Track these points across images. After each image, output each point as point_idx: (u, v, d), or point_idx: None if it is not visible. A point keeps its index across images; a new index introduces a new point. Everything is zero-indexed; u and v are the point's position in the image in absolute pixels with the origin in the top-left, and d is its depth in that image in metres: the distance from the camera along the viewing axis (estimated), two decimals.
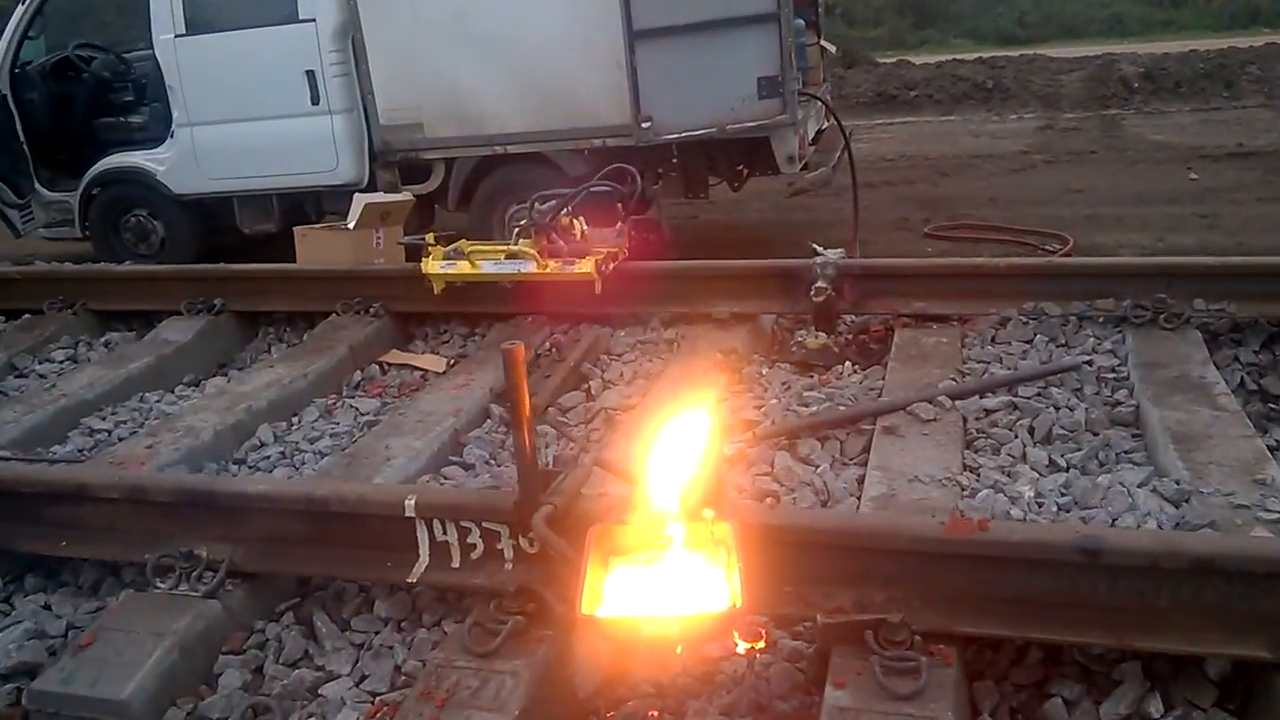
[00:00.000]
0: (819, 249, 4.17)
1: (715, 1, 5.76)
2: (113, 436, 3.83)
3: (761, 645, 2.19)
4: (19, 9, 7.37)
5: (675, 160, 6.44)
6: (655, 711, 2.15)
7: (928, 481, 2.76)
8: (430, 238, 4.50)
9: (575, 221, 4.32)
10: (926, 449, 2.97)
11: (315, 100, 6.56)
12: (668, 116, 5.90)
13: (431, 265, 4.38)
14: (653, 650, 2.14)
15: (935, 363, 3.61)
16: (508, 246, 4.35)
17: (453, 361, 4.31)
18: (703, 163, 6.58)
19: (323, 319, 4.63)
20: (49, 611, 2.68)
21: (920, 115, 14.15)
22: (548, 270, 4.23)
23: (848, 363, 3.85)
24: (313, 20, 6.43)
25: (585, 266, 4.17)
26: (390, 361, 4.37)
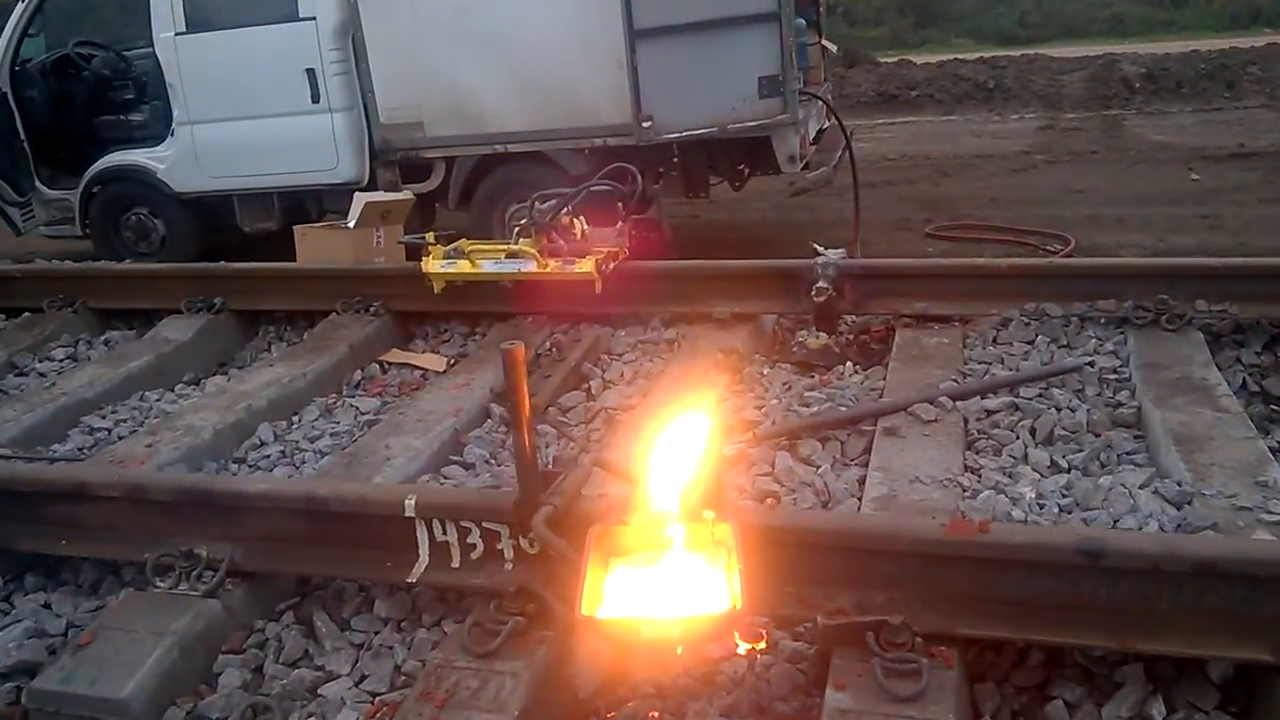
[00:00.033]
0: (820, 249, 4.17)
1: (716, 0, 5.75)
2: (113, 435, 3.83)
3: (762, 646, 2.19)
4: (19, 6, 7.36)
5: (676, 159, 6.43)
6: (655, 712, 2.15)
7: (929, 482, 2.76)
8: (430, 237, 4.49)
9: (576, 221, 4.31)
10: (928, 450, 2.97)
11: (315, 98, 6.55)
12: (668, 116, 5.89)
13: (432, 264, 4.38)
14: (653, 651, 2.14)
15: (936, 363, 3.61)
16: (508, 246, 4.35)
17: (453, 361, 4.30)
18: (703, 162, 6.57)
19: (323, 318, 4.63)
20: (49, 610, 2.68)
21: (921, 115, 14.14)
22: (548, 270, 4.23)
23: (849, 363, 3.84)
24: (313, 18, 6.42)
25: (586, 266, 4.16)
26: (390, 360, 4.36)
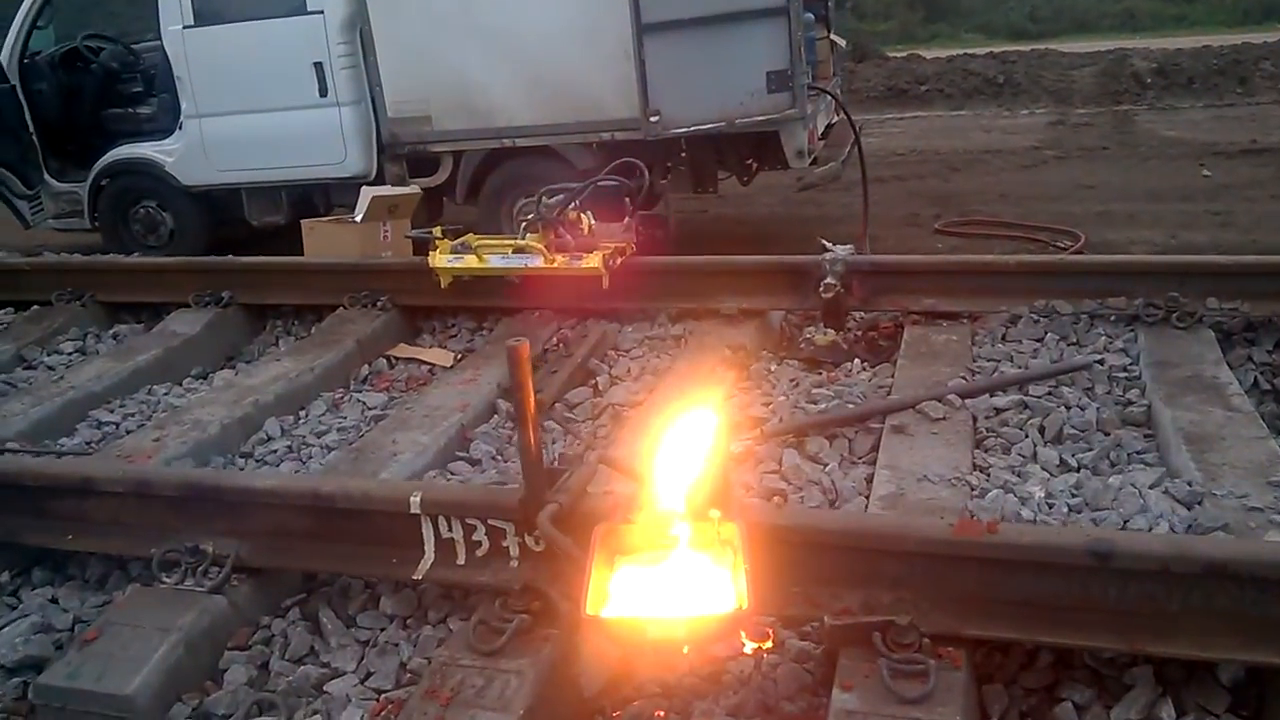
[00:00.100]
0: (828, 245, 4.15)
1: None
2: (120, 429, 3.82)
3: (769, 646, 2.18)
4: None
5: (684, 154, 6.42)
6: (661, 711, 2.14)
7: (937, 481, 2.74)
8: (437, 231, 4.48)
9: (583, 216, 4.30)
10: (936, 448, 2.95)
11: (323, 92, 6.56)
12: (676, 110, 5.88)
13: (439, 259, 4.37)
14: (659, 650, 2.13)
15: (945, 361, 3.59)
16: (515, 241, 4.34)
17: (460, 356, 4.29)
18: (711, 157, 6.56)
19: (330, 312, 4.63)
20: (56, 605, 2.68)
21: (931, 110, 14.08)
22: (555, 265, 4.21)
23: (857, 360, 3.82)
24: (321, 12, 6.44)
25: (593, 261, 4.15)
26: (397, 355, 4.35)
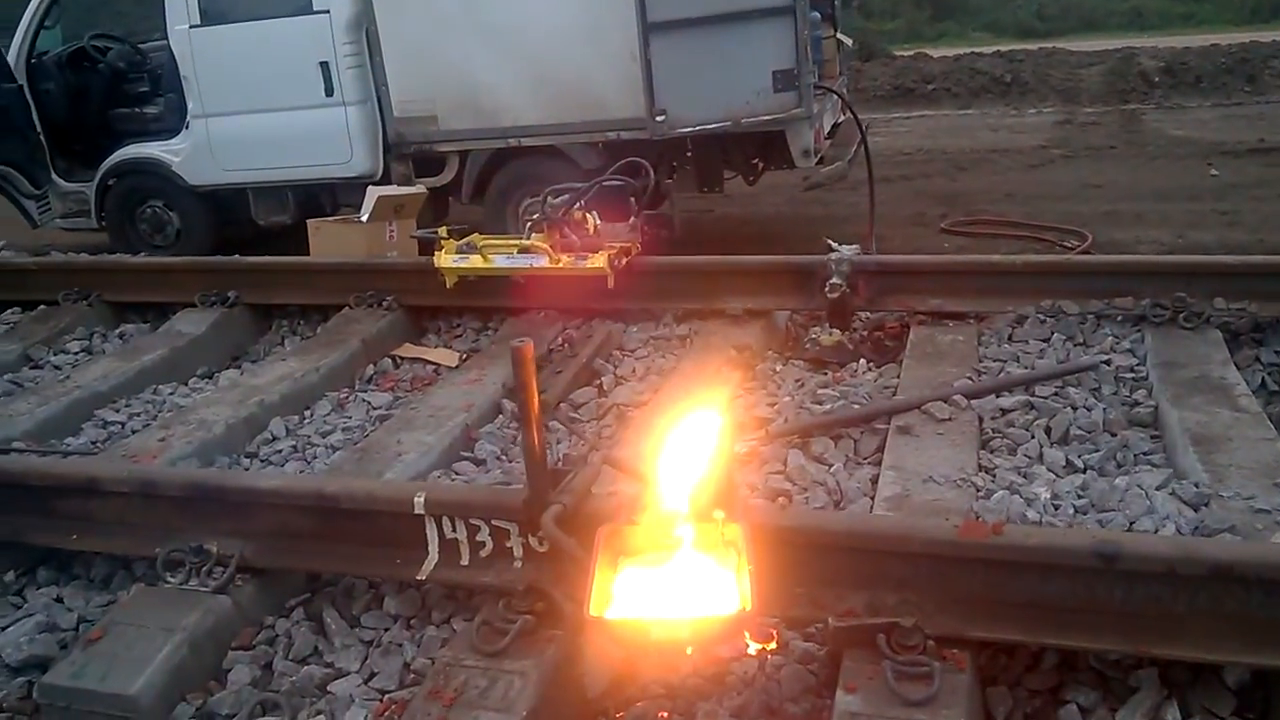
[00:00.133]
0: (834, 244, 4.14)
1: None
2: (126, 429, 3.84)
3: (773, 647, 2.17)
4: None
5: (689, 154, 6.40)
6: (665, 713, 2.13)
7: (942, 482, 2.74)
8: (443, 231, 4.48)
9: (588, 215, 4.30)
10: (941, 449, 2.94)
11: (329, 92, 6.56)
12: (682, 110, 5.87)
13: (444, 259, 4.37)
14: (663, 651, 2.12)
15: (951, 361, 3.58)
16: (520, 241, 4.34)
17: (465, 356, 4.29)
18: (717, 156, 6.54)
19: (336, 312, 4.63)
20: (61, 604, 2.69)
21: (938, 109, 14.03)
22: (560, 265, 4.21)
23: (862, 360, 3.82)
24: (327, 12, 6.43)
25: (598, 261, 4.15)
26: (403, 355, 4.36)
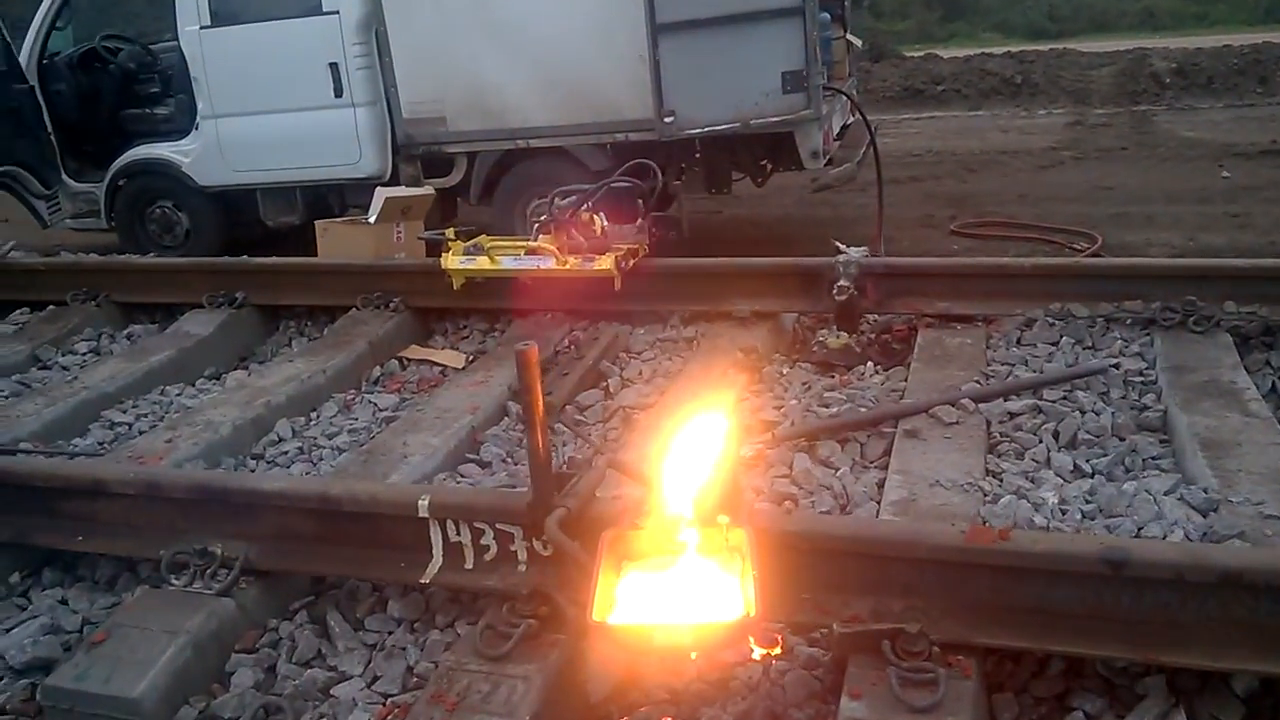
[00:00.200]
0: (842, 246, 4.12)
1: None
2: (133, 430, 3.84)
3: (777, 652, 2.16)
4: (46, 1, 7.42)
5: (698, 155, 6.40)
6: (668, 718, 2.12)
7: (949, 486, 2.72)
8: (450, 233, 4.48)
9: (595, 217, 4.29)
10: (949, 453, 2.93)
11: (338, 93, 6.57)
12: (691, 111, 5.85)
13: (451, 260, 4.37)
14: (666, 656, 2.11)
15: (959, 364, 3.56)
16: (527, 242, 4.33)
17: (471, 357, 4.29)
18: (726, 158, 6.53)
19: (343, 313, 4.64)
20: (65, 606, 2.69)
21: (948, 110, 14.00)
22: (567, 266, 4.21)
23: (870, 363, 3.80)
24: (336, 13, 6.44)
25: (605, 263, 4.14)
26: (409, 357, 4.36)
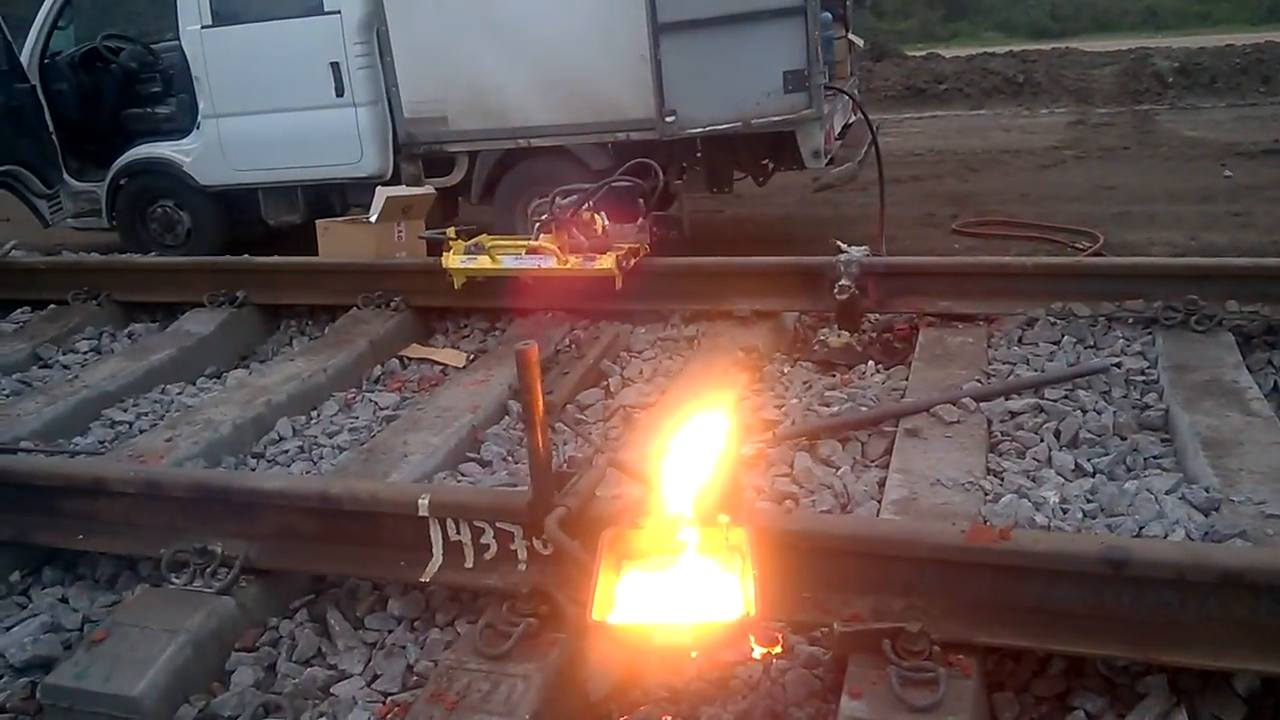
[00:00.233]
0: (843, 245, 4.12)
1: None
2: (134, 429, 3.84)
3: (778, 651, 2.16)
4: (48, 0, 7.43)
5: (699, 154, 6.39)
6: (668, 717, 2.12)
7: (950, 485, 2.71)
8: (451, 232, 4.48)
9: (596, 216, 4.29)
10: (950, 452, 2.92)
11: (340, 92, 6.57)
12: (692, 110, 5.86)
13: (452, 260, 4.37)
14: (666, 655, 2.11)
15: (960, 363, 3.56)
16: (528, 241, 4.33)
17: (472, 356, 4.29)
18: (727, 157, 6.53)
19: (344, 312, 4.63)
20: (66, 604, 2.69)
21: (950, 109, 14.00)
22: (568, 266, 4.20)
23: (871, 362, 3.79)
24: (338, 12, 6.45)
25: (606, 262, 4.14)
26: (410, 356, 4.36)
